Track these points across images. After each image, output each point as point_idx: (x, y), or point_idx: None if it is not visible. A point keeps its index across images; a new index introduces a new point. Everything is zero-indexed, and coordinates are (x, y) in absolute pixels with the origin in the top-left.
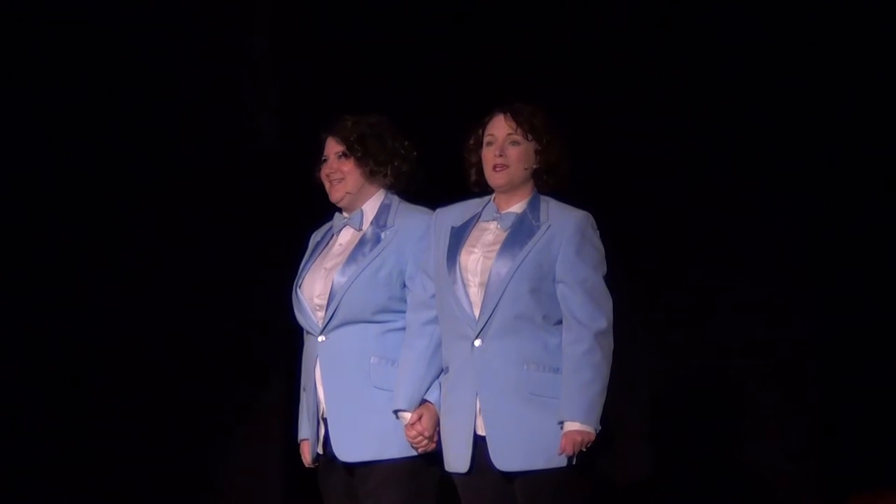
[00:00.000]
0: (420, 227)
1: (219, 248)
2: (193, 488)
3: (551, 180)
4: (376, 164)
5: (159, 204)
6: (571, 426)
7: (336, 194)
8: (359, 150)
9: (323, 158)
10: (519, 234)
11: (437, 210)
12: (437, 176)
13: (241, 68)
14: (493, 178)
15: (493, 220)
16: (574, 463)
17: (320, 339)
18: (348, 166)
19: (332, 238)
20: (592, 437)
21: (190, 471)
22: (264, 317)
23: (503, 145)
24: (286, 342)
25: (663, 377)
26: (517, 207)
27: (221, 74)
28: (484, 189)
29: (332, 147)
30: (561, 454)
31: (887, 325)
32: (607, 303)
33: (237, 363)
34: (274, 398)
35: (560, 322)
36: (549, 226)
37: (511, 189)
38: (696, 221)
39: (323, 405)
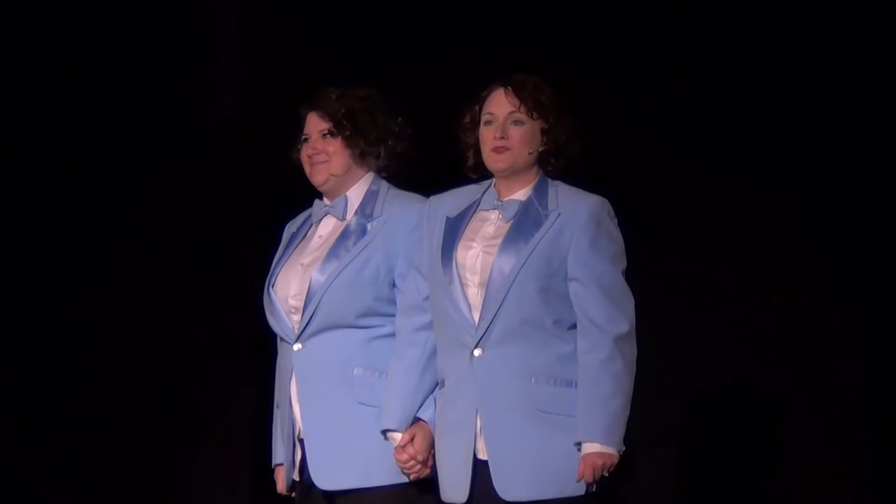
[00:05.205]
0: (412, 217)
1: (180, 242)
2: None
3: (560, 164)
4: (367, 143)
5: (113, 192)
6: (590, 448)
7: (319, 177)
8: (347, 129)
9: (303, 137)
10: (524, 224)
11: (431, 198)
12: (428, 159)
13: (202, 32)
14: (492, 161)
15: (494, 208)
16: (593, 490)
17: (296, 347)
18: (334, 146)
19: (310, 229)
20: (615, 460)
21: (149, 497)
22: (232, 321)
23: (504, 125)
24: (257, 351)
25: (694, 389)
26: (521, 194)
27: (178, 41)
28: (482, 174)
29: (315, 124)
30: (579, 480)
31: None
32: (628, 303)
33: (201, 375)
34: (243, 416)
35: (574, 327)
36: (559, 214)
37: (513, 174)
38: (730, 208)
39: (299, 424)
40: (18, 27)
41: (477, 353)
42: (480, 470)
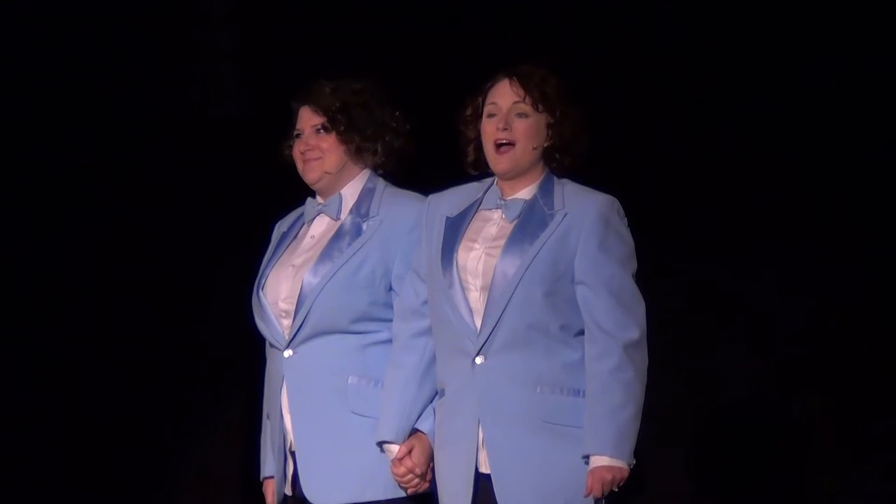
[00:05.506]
0: (410, 216)
1: (166, 241)
2: None
3: (565, 160)
4: (363, 139)
5: (98, 189)
6: (599, 461)
7: (312, 174)
8: (342, 124)
9: (295, 133)
10: (529, 224)
11: (430, 197)
12: (428, 155)
13: (193, 24)
14: (495, 161)
15: (497, 208)
16: None
17: (287, 353)
18: (328, 142)
19: (302, 228)
20: (625, 474)
21: None
22: (219, 325)
23: (508, 117)
24: (246, 357)
25: (707, 399)
26: (526, 192)
27: (167, 33)
28: (483, 170)
29: (308, 119)
30: (587, 495)
31: None
32: (639, 307)
33: (185, 382)
34: (230, 426)
35: (581, 333)
36: (566, 214)
37: (517, 174)
38: (739, 210)
39: (290, 436)
40: (17, 27)
41: (479, 360)
42: (482, 484)
